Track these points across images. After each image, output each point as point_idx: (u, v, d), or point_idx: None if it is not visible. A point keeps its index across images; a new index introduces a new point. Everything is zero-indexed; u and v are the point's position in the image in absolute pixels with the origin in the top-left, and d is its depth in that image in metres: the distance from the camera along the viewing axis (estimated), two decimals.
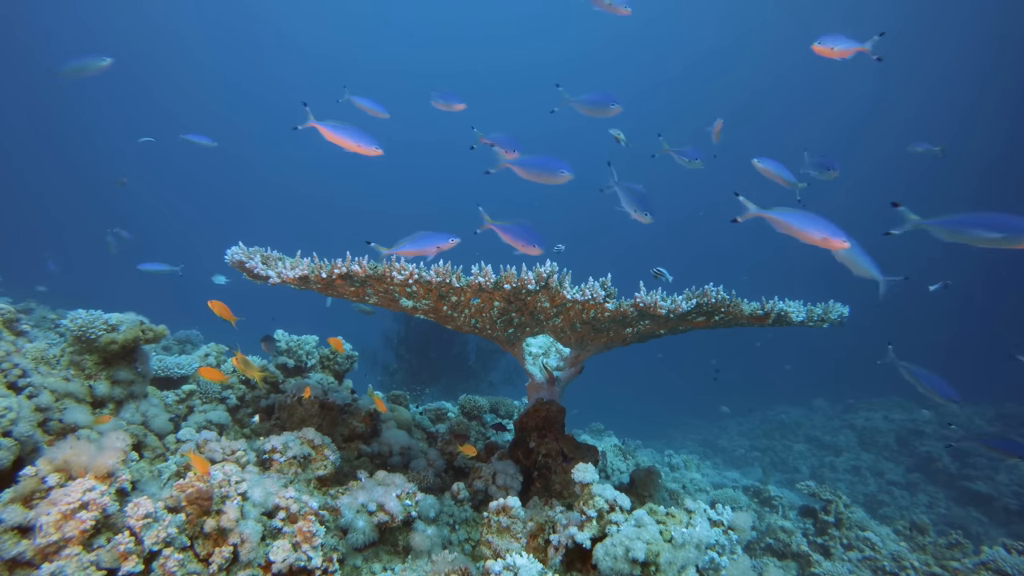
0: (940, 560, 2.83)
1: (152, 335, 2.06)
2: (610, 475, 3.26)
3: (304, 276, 1.76)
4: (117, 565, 1.23)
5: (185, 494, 1.38)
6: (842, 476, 5.90)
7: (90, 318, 1.96)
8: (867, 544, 2.85)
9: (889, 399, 7.83)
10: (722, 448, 7.69)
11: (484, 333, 2.12)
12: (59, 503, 1.22)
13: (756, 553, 2.78)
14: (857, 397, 8.33)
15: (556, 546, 1.50)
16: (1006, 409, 6.83)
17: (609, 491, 1.49)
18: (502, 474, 2.02)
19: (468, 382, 6.76)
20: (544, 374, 2.22)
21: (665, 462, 4.35)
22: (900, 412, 7.22)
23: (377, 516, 1.65)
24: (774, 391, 10.90)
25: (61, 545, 1.20)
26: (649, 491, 2.24)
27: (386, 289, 1.81)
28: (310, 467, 1.84)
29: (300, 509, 1.50)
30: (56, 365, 1.94)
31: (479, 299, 1.84)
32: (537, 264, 1.71)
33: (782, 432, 7.68)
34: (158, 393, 2.30)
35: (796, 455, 6.79)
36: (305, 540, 1.43)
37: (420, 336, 6.73)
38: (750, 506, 3.49)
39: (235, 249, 1.93)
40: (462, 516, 1.93)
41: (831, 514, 3.01)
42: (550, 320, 1.96)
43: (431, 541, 1.71)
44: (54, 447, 1.34)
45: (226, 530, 1.37)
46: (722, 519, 1.56)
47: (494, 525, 1.63)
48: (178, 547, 1.33)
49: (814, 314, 1.89)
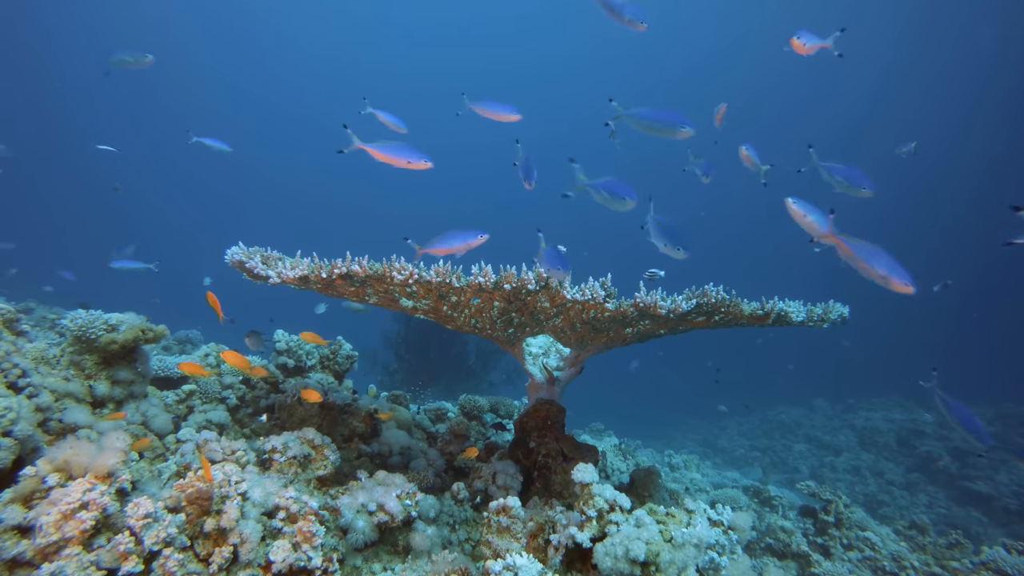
0: (940, 560, 2.83)
1: (152, 335, 2.06)
2: (610, 475, 3.26)
3: (304, 276, 1.76)
4: (117, 565, 1.23)
5: (185, 494, 1.38)
6: (842, 476, 5.90)
7: (90, 318, 1.96)
8: (867, 544, 2.85)
9: (889, 399, 7.83)
10: (722, 448, 7.69)
11: (484, 333, 2.12)
12: (59, 503, 1.22)
13: (756, 553, 2.78)
14: (857, 397, 8.33)
15: (556, 546, 1.50)
16: (1006, 409, 6.83)
17: (609, 491, 1.49)
18: (502, 474, 2.02)
19: (468, 382, 6.76)
20: (544, 374, 2.22)
21: (665, 462, 4.35)
22: (900, 412, 7.23)
23: (377, 516, 1.65)
24: (775, 391, 10.90)
25: (61, 545, 1.20)
26: (649, 491, 2.24)
27: (386, 289, 1.81)
28: (310, 467, 1.84)
29: (300, 509, 1.50)
30: (56, 365, 1.94)
31: (479, 299, 1.84)
32: (537, 264, 1.71)
33: (782, 432, 7.69)
34: (158, 393, 2.31)
35: (796, 455, 6.79)
36: (305, 540, 1.43)
37: (420, 336, 6.74)
38: (750, 506, 3.49)
39: (235, 249, 1.93)
40: (462, 516, 1.93)
41: (831, 514, 3.01)
42: (550, 320, 1.96)
43: (431, 541, 1.71)
44: (54, 447, 1.34)
45: (226, 530, 1.37)
46: (722, 519, 1.56)
47: (494, 525, 1.63)
48: (178, 547, 1.33)
49: (814, 314, 1.89)
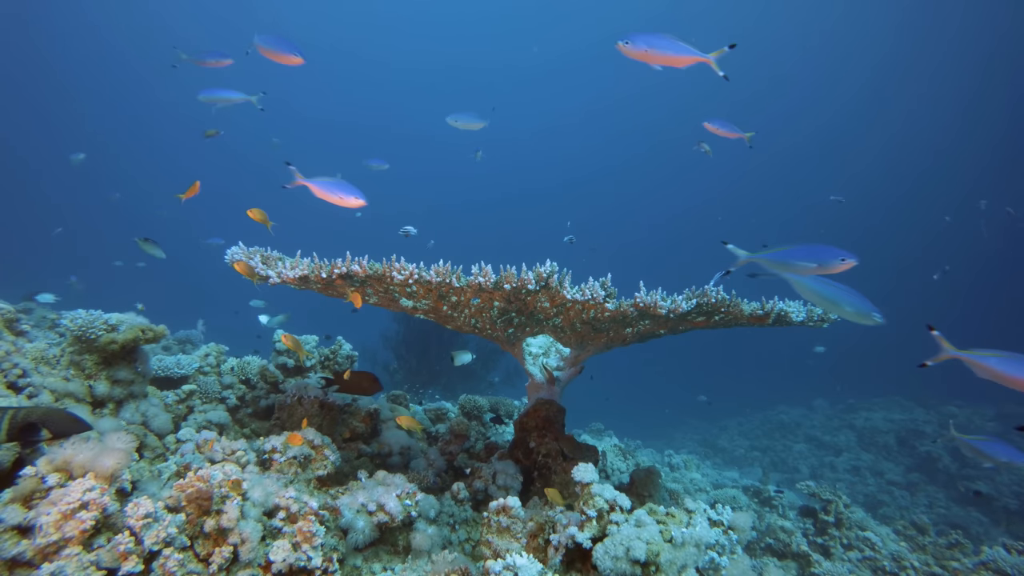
0: (940, 560, 2.83)
1: (152, 335, 2.06)
2: (610, 475, 3.25)
3: (304, 276, 1.76)
4: (117, 565, 1.23)
5: (185, 494, 1.38)
6: (842, 476, 5.90)
7: (90, 318, 1.96)
8: (867, 544, 2.85)
9: (889, 399, 7.83)
10: (722, 448, 7.70)
11: (484, 333, 2.12)
12: (59, 503, 1.22)
13: (756, 553, 2.78)
14: (857, 397, 8.33)
15: (556, 546, 1.50)
16: (1006, 409, 6.83)
17: (609, 491, 1.49)
18: (502, 474, 2.02)
19: (468, 382, 6.76)
20: (544, 374, 2.22)
21: (665, 462, 4.35)
22: (900, 412, 7.23)
23: (377, 516, 1.65)
24: (775, 391, 10.90)
25: (61, 545, 1.20)
26: (649, 491, 2.24)
27: (386, 289, 1.81)
28: (310, 467, 1.84)
29: (300, 509, 1.50)
30: (56, 365, 1.94)
31: (479, 299, 1.84)
32: (537, 264, 1.71)
33: (782, 432, 7.69)
34: (158, 393, 2.30)
35: (796, 455, 6.79)
36: (305, 540, 1.43)
37: (420, 336, 6.73)
38: (750, 506, 3.49)
39: (235, 249, 1.93)
40: (462, 516, 1.93)
41: (831, 514, 3.01)
42: (550, 320, 1.96)
43: (431, 541, 1.71)
44: (54, 447, 1.34)
45: (226, 530, 1.37)
46: (722, 519, 1.56)
47: (494, 525, 1.63)
48: (178, 547, 1.33)
49: (814, 314, 1.89)
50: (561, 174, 28.63)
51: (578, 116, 26.14)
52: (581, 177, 28.81)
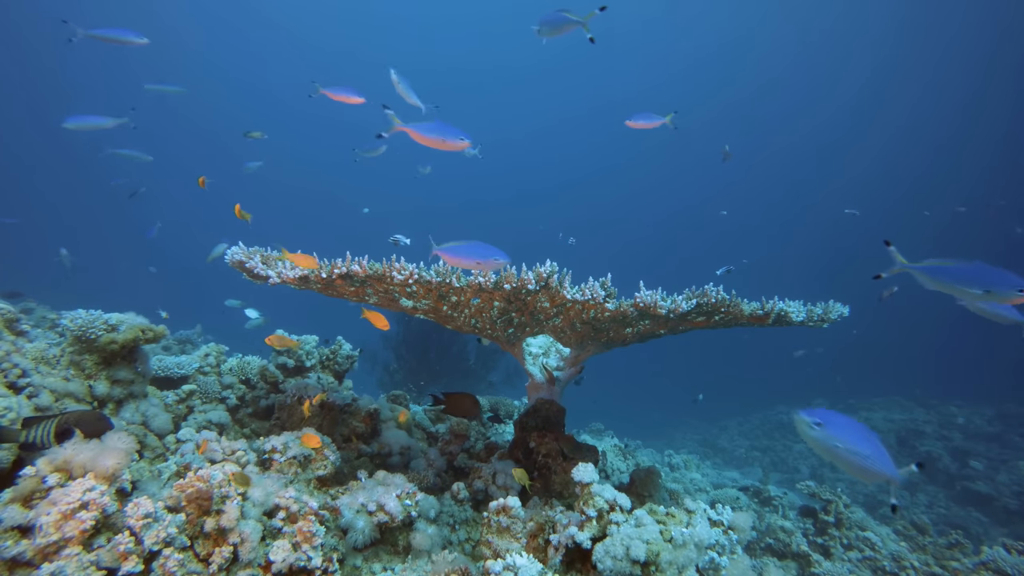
0: (940, 560, 2.83)
1: (152, 335, 2.06)
2: (610, 475, 3.25)
3: (304, 276, 1.76)
4: (117, 565, 1.23)
5: (185, 494, 1.38)
6: (842, 476, 5.90)
7: (90, 318, 1.96)
8: (867, 544, 2.85)
9: (889, 399, 7.83)
10: (722, 448, 7.69)
11: (484, 333, 2.12)
12: (59, 503, 1.22)
13: (756, 553, 2.78)
14: (857, 397, 8.33)
15: (556, 546, 1.50)
16: (1006, 409, 6.83)
17: (609, 491, 1.49)
18: (502, 474, 2.02)
19: (468, 382, 6.75)
20: (544, 374, 2.22)
21: (665, 462, 4.35)
22: (900, 412, 7.23)
23: (377, 516, 1.65)
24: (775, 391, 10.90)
25: (61, 545, 1.20)
26: (649, 491, 2.24)
27: (386, 289, 1.81)
28: (310, 467, 1.84)
29: (300, 509, 1.50)
30: (56, 365, 1.94)
31: (479, 299, 1.84)
32: (537, 264, 1.71)
33: (782, 432, 7.68)
34: (158, 393, 2.30)
35: (796, 455, 6.78)
36: (305, 540, 1.43)
37: (420, 336, 6.72)
38: (750, 506, 3.49)
39: (235, 249, 1.93)
40: (462, 516, 1.93)
41: (831, 514, 3.01)
42: (550, 320, 1.96)
43: (431, 541, 1.71)
44: (54, 447, 1.34)
45: (226, 530, 1.37)
46: (722, 519, 1.56)
47: (494, 525, 1.63)
48: (178, 547, 1.33)
49: (814, 314, 1.89)
50: (560, 174, 28.65)
51: (578, 116, 26.13)
52: (581, 177, 28.83)
